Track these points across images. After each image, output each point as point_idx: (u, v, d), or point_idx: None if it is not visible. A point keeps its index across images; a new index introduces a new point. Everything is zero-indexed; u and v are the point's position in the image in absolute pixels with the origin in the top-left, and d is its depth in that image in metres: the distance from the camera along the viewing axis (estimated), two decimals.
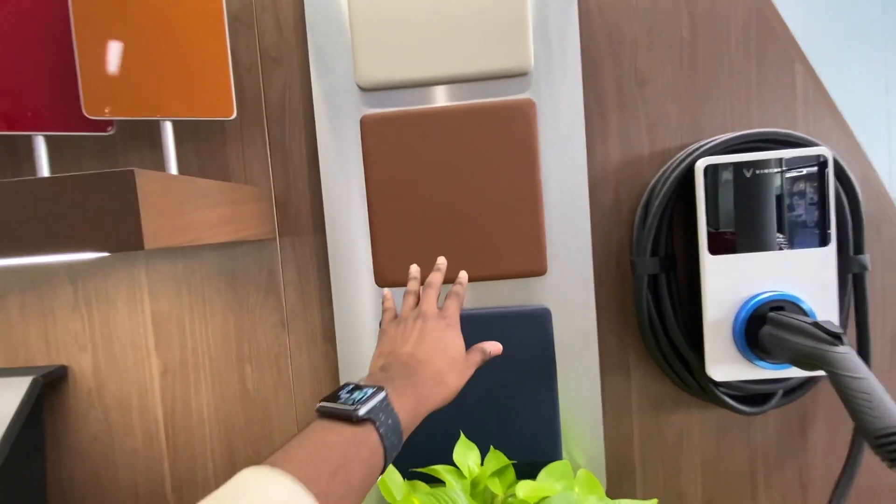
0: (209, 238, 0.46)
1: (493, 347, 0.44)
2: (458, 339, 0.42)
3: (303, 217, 0.63)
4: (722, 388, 0.56)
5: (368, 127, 0.59)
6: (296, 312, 0.63)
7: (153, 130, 0.59)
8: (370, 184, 0.59)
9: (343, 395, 0.32)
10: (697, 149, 0.55)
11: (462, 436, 0.55)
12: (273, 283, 0.63)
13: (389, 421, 0.32)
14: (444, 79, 0.58)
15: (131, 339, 0.65)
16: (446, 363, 0.39)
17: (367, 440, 0.30)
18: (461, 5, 0.57)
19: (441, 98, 0.59)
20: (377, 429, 0.31)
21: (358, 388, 0.33)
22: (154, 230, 0.38)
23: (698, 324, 0.56)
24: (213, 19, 0.54)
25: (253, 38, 0.61)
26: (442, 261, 0.48)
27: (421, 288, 0.46)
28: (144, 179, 0.37)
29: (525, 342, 0.59)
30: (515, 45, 0.57)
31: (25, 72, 0.54)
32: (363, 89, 0.59)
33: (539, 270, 0.59)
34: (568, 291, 0.60)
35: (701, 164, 0.52)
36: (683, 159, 0.55)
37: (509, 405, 0.59)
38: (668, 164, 0.58)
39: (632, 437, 0.63)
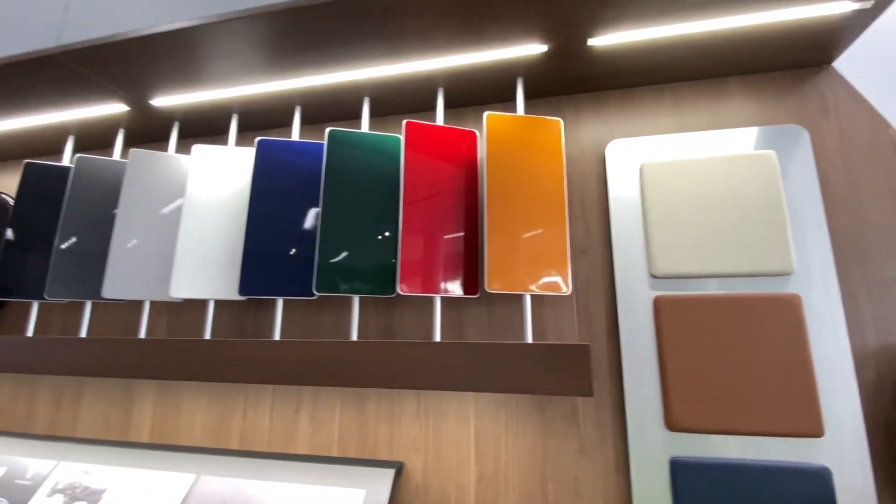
0: None
1: None
2: None
3: (602, 366, 0.83)
4: None
5: (661, 305, 0.80)
6: (593, 443, 0.80)
7: (510, 300, 0.86)
8: (663, 347, 0.79)
9: None
10: None
11: None
12: (575, 415, 0.81)
13: None
14: (723, 274, 0.80)
15: (456, 447, 0.85)
16: None
17: None
18: (733, 218, 0.80)
19: (721, 287, 0.80)
20: None
21: None
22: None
23: None
24: (559, 222, 0.82)
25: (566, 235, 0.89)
26: None
27: None
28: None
29: (804, 499, 0.69)
30: (780, 254, 0.78)
31: (439, 246, 0.84)
32: (655, 277, 0.83)
33: (816, 432, 0.71)
34: (842, 452, 0.71)
35: None
36: None
37: None
38: None
39: None
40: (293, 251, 0.93)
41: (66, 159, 1.15)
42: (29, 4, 0.91)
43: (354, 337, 0.85)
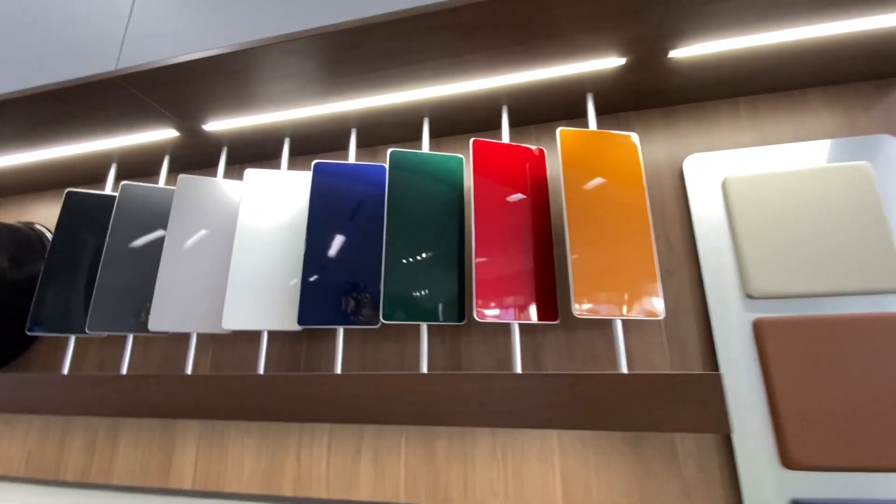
0: None
1: None
2: None
3: None
4: None
5: (763, 329, 0.74)
6: (698, 485, 0.72)
7: (591, 326, 0.80)
8: (770, 375, 0.72)
9: None
10: None
11: None
12: (673, 452, 0.74)
13: None
14: (828, 293, 0.74)
15: (541, 491, 0.77)
16: None
17: None
18: (833, 233, 0.75)
19: (827, 307, 0.74)
20: None
21: None
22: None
23: None
24: (645, 240, 0.77)
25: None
26: None
27: None
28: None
29: None
30: (891, 270, 0.72)
31: (514, 270, 0.79)
32: (751, 298, 0.77)
33: None
34: None
35: None
36: None
37: None
38: None
39: None
40: (354, 278, 0.87)
41: (109, 188, 1.12)
42: (89, 29, 0.90)
43: (424, 368, 0.78)
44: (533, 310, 0.78)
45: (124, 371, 0.93)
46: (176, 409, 0.80)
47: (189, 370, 0.91)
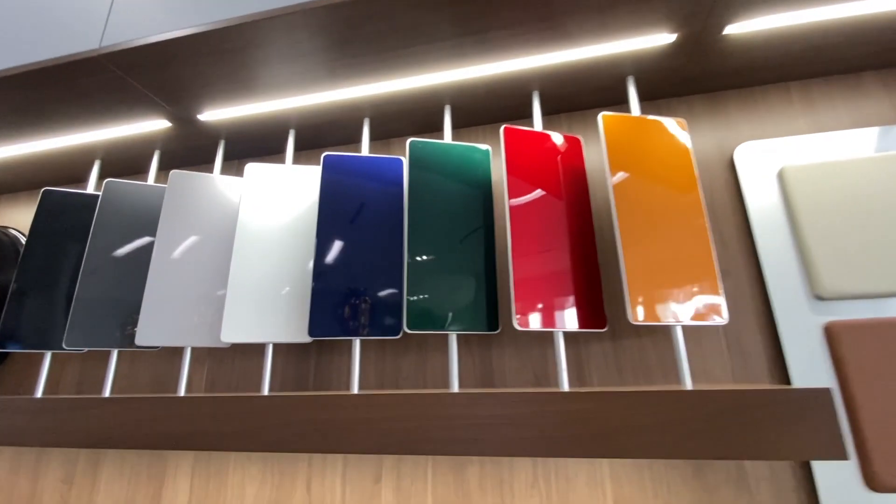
0: None
1: None
2: None
3: None
4: None
5: (837, 334, 0.66)
6: None
7: (640, 334, 0.71)
8: (848, 386, 0.63)
9: None
10: None
11: None
12: (742, 477, 0.65)
13: None
14: None
15: None
16: None
17: None
18: None
19: None
20: None
21: None
22: None
23: None
24: (701, 237, 0.69)
25: None
26: None
27: None
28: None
29: None
30: None
31: (554, 272, 0.70)
32: (821, 299, 0.69)
33: None
34: None
35: None
36: None
37: None
38: None
39: None
40: (371, 282, 0.78)
41: (91, 186, 1.01)
42: (72, 5, 0.80)
43: (456, 386, 0.69)
44: (578, 317, 0.70)
45: (107, 392, 0.82)
46: (169, 439, 0.69)
47: (182, 391, 0.80)
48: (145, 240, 0.91)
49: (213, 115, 0.88)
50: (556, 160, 0.78)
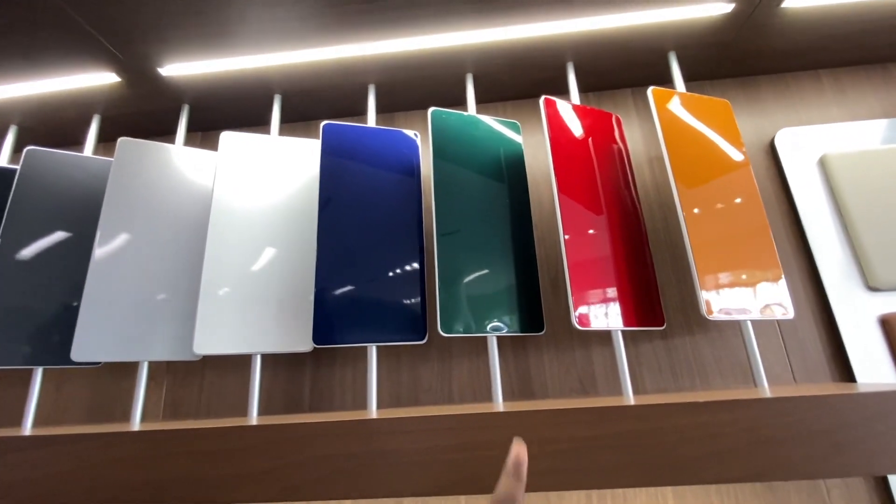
0: None
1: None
2: None
3: None
4: None
5: (894, 324, 0.63)
6: None
7: (693, 332, 0.64)
8: None
9: None
10: None
11: None
12: (816, 491, 0.59)
13: None
14: None
15: None
16: None
17: None
18: None
19: None
20: None
21: None
22: None
23: None
24: (761, 225, 0.63)
25: None
26: None
27: None
28: None
29: None
30: None
31: (608, 263, 0.61)
32: (874, 290, 0.65)
33: None
34: None
35: None
36: None
37: None
38: None
39: None
40: (387, 279, 0.64)
41: (5, 158, 0.78)
42: None
43: (500, 401, 0.58)
44: (636, 313, 0.61)
45: (27, 429, 0.62)
46: (127, 492, 0.51)
47: (137, 420, 0.62)
48: (78, 227, 0.71)
49: (176, 69, 0.70)
50: (601, 138, 0.69)
